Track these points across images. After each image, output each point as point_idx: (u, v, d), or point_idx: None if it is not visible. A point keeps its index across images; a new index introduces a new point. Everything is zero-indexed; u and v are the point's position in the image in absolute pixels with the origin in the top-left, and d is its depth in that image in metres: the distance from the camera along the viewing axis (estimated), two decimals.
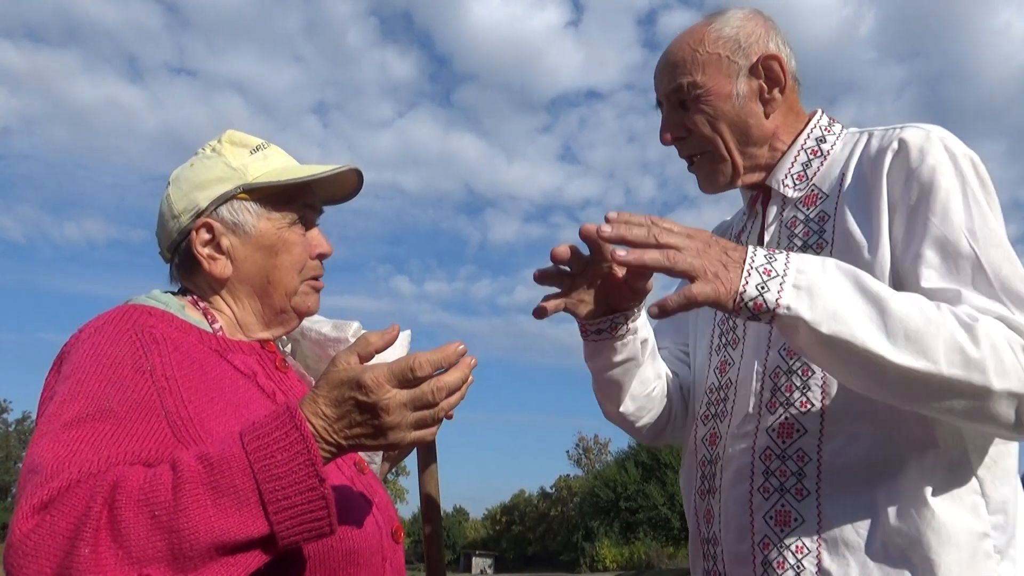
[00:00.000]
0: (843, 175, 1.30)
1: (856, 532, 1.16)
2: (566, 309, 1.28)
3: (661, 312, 1.04)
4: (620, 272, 1.25)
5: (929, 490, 1.14)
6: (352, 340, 1.33)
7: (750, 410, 1.29)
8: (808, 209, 1.33)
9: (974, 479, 1.16)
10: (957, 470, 1.16)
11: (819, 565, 1.17)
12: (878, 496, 1.16)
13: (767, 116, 1.37)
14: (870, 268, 1.18)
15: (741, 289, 1.03)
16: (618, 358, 1.38)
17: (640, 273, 1.21)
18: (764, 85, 1.36)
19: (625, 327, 1.34)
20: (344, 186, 1.35)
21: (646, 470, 46.19)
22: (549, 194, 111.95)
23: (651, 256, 1.03)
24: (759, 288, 1.04)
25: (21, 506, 0.88)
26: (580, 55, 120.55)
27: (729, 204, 1.57)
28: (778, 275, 1.04)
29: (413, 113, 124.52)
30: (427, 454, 1.59)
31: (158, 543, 0.85)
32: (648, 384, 1.45)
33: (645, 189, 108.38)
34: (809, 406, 1.23)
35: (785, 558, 1.20)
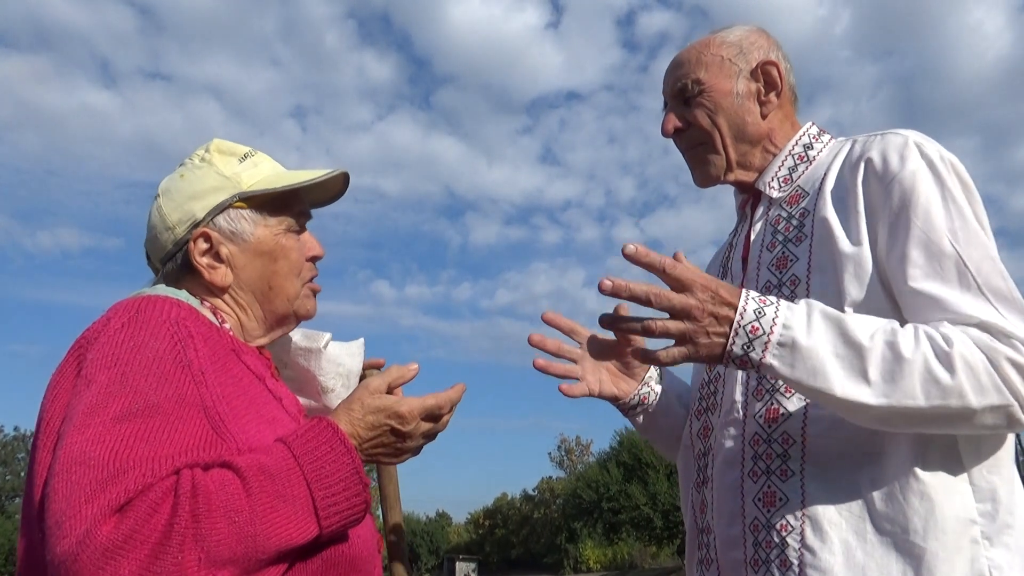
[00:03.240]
0: (825, 176, 1.37)
1: (839, 512, 1.19)
2: (590, 393, 1.50)
3: (645, 359, 1.16)
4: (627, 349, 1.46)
5: (914, 474, 1.17)
6: (324, 350, 1.39)
7: (737, 398, 1.34)
8: (791, 207, 1.40)
9: (961, 466, 1.19)
10: (944, 457, 1.19)
11: (803, 542, 1.20)
12: (862, 478, 1.20)
13: (763, 117, 1.47)
14: (847, 261, 1.26)
15: (728, 349, 1.12)
16: (662, 420, 1.58)
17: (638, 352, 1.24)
18: (762, 88, 1.47)
19: (651, 392, 1.56)
20: (330, 189, 1.38)
21: (628, 470, 46.30)
22: (530, 196, 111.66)
23: (644, 326, 1.13)
24: (744, 347, 1.12)
25: (84, 501, 0.88)
26: (560, 56, 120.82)
27: (709, 205, 1.62)
28: (764, 333, 1.12)
29: (392, 116, 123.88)
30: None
31: (236, 547, 0.91)
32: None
33: (625, 190, 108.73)
34: (793, 392, 1.26)
35: (771, 537, 1.23)
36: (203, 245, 1.23)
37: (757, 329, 1.12)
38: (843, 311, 1.22)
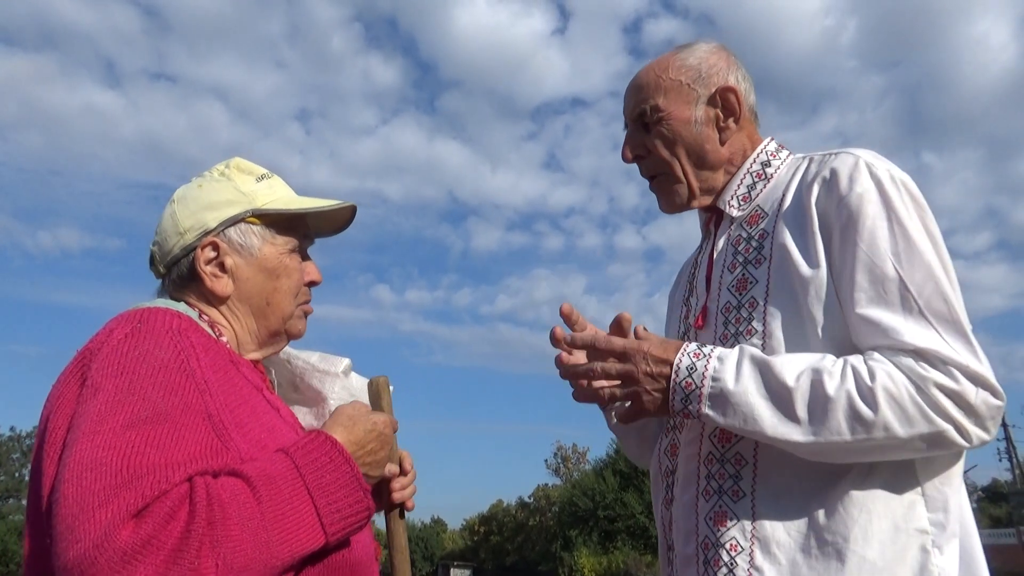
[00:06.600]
0: (783, 196, 1.38)
1: (787, 532, 1.22)
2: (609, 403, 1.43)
3: (622, 420, 1.35)
4: None
5: (861, 490, 1.21)
6: (342, 375, 1.43)
7: None
8: (751, 228, 1.42)
9: (915, 479, 1.23)
10: (897, 470, 1.22)
11: (751, 563, 1.23)
12: (811, 498, 1.23)
13: (722, 143, 1.46)
14: (808, 284, 1.27)
15: (671, 404, 1.27)
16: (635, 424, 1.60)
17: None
18: (720, 114, 1.46)
19: None
20: (336, 221, 1.43)
21: (624, 479, 46.21)
22: (533, 202, 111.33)
23: (591, 394, 1.33)
24: (683, 402, 1.26)
25: (97, 506, 0.89)
26: (566, 63, 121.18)
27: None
28: (696, 388, 1.24)
29: (397, 120, 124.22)
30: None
31: (252, 554, 0.93)
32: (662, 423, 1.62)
33: (628, 197, 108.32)
34: None
35: (720, 556, 1.25)
36: (210, 253, 1.27)
37: (690, 385, 1.24)
38: (805, 334, 1.27)
